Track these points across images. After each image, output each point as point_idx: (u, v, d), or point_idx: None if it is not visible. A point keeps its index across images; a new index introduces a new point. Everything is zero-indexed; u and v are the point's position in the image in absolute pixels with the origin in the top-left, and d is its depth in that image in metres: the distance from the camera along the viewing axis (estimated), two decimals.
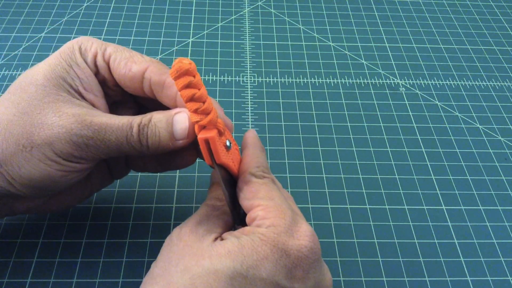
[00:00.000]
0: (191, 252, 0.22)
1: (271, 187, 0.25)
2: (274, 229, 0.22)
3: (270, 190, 0.25)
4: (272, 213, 0.23)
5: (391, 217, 0.37)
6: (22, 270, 0.32)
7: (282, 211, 0.23)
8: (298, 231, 0.23)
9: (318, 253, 0.23)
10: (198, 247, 0.22)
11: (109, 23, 0.52)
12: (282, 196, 0.25)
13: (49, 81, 0.25)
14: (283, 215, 0.23)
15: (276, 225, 0.22)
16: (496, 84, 0.49)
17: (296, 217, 0.24)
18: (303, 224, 0.23)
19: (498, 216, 0.37)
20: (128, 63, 0.27)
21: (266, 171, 0.26)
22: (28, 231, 0.34)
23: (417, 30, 0.55)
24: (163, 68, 0.27)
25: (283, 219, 0.23)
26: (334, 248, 0.34)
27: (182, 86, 0.23)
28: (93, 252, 0.33)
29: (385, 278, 0.33)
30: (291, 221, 0.23)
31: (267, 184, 0.25)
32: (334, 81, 0.48)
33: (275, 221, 0.23)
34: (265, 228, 0.22)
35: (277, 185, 0.27)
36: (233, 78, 0.47)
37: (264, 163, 0.27)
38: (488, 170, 0.41)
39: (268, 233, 0.22)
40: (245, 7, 0.56)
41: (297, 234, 0.22)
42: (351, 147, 0.41)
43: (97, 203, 0.36)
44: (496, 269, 0.34)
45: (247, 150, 0.28)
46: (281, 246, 0.22)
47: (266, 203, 0.24)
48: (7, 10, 0.53)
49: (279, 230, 0.22)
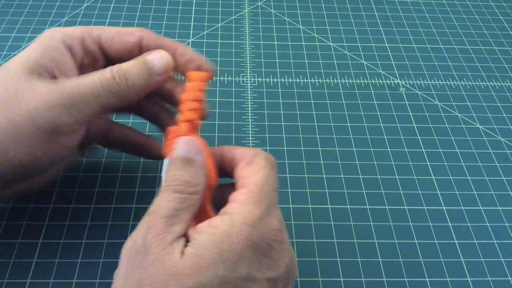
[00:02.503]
0: (165, 271, 0.19)
1: (264, 163, 0.25)
2: (249, 220, 0.21)
3: (261, 163, 0.25)
4: (252, 199, 0.22)
5: (391, 217, 0.37)
6: (22, 270, 0.32)
7: (262, 197, 0.23)
8: (269, 223, 0.22)
9: (286, 243, 0.23)
10: (170, 263, 0.20)
11: (109, 23, 0.52)
12: (269, 174, 0.24)
13: (24, 66, 0.26)
14: (260, 203, 0.22)
15: (251, 212, 0.22)
16: (496, 84, 0.49)
17: (271, 206, 0.23)
18: (275, 214, 0.23)
19: (498, 216, 0.37)
20: (122, 37, 0.28)
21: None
22: (28, 231, 0.34)
23: (417, 30, 0.55)
24: (154, 34, 0.29)
25: (259, 209, 0.22)
26: (334, 248, 0.34)
27: (198, 89, 0.27)
28: (93, 252, 0.33)
29: (385, 278, 0.33)
30: (265, 210, 0.22)
31: (260, 157, 0.25)
32: (334, 81, 0.48)
33: (252, 209, 0.22)
34: (241, 217, 0.22)
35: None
36: (233, 78, 0.47)
37: None
38: (488, 170, 0.41)
39: (244, 228, 0.21)
40: (245, 7, 0.56)
41: (267, 225, 0.22)
42: (351, 147, 0.41)
43: (97, 203, 0.36)
44: (496, 270, 0.34)
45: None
46: (255, 240, 0.21)
47: (251, 180, 0.24)
48: (7, 10, 0.53)
49: (253, 221, 0.22)
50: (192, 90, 0.27)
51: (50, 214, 0.35)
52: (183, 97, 0.27)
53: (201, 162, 0.24)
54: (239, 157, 0.26)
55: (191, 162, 0.24)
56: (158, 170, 0.38)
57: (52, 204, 0.36)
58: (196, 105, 0.26)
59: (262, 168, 0.24)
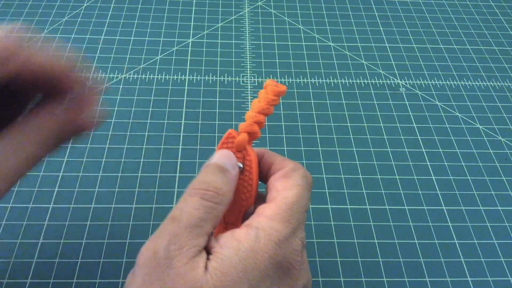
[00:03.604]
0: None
1: (299, 179, 0.24)
2: (275, 238, 0.21)
3: (298, 180, 0.23)
4: (280, 215, 0.22)
5: (391, 217, 0.37)
6: (22, 270, 0.32)
7: (291, 216, 0.22)
8: (293, 243, 0.21)
9: (306, 263, 0.22)
10: (194, 279, 0.19)
11: (109, 23, 0.52)
12: (303, 193, 0.23)
13: None
14: (288, 222, 0.22)
15: (278, 231, 0.21)
16: (496, 84, 0.49)
17: (297, 226, 0.22)
18: (300, 234, 0.22)
19: (498, 216, 0.37)
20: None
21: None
22: (28, 232, 0.34)
23: (417, 30, 0.55)
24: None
25: (286, 228, 0.21)
26: (334, 248, 0.34)
27: (271, 103, 0.25)
28: (93, 252, 0.33)
29: (385, 278, 0.33)
30: (292, 230, 0.22)
31: (298, 174, 0.24)
32: (334, 81, 0.48)
33: (278, 226, 0.21)
34: (267, 234, 0.21)
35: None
36: (233, 78, 0.47)
37: None
38: (488, 170, 0.41)
39: (270, 245, 0.20)
40: (245, 7, 0.56)
41: (291, 245, 0.21)
42: (351, 147, 0.41)
43: (97, 203, 0.36)
44: (496, 269, 0.34)
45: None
46: (279, 259, 0.21)
47: (283, 195, 0.22)
48: (7, 10, 0.53)
49: (279, 240, 0.21)
50: (266, 101, 0.25)
51: (50, 214, 0.35)
52: (254, 105, 0.25)
53: (234, 176, 0.23)
54: (277, 166, 0.25)
55: (224, 172, 0.23)
56: (158, 171, 0.38)
57: (52, 204, 0.36)
58: (262, 118, 0.25)
59: (297, 186, 0.23)
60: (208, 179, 0.22)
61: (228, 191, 0.22)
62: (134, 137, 0.41)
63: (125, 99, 0.44)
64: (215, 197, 0.22)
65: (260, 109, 0.24)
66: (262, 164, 0.25)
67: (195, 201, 0.21)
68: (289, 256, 0.21)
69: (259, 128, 0.25)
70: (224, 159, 0.24)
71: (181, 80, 0.46)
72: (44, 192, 0.36)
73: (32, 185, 0.37)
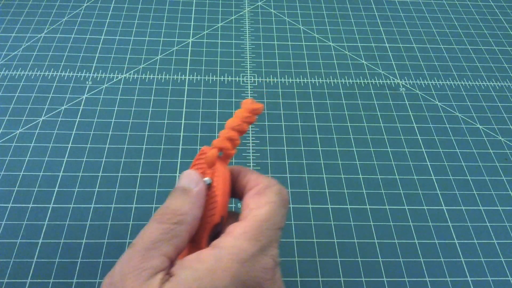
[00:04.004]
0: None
1: (272, 196, 0.23)
2: (238, 257, 0.20)
3: (270, 197, 0.23)
4: (247, 234, 0.21)
5: (391, 217, 0.37)
6: (22, 270, 0.32)
7: (259, 234, 0.21)
8: (261, 262, 0.21)
9: (277, 281, 0.22)
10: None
11: (109, 23, 0.52)
12: (275, 210, 0.23)
13: None
14: (255, 240, 0.21)
15: (243, 249, 0.20)
16: (496, 84, 0.49)
17: (268, 243, 0.21)
18: (271, 252, 0.21)
19: (498, 216, 0.37)
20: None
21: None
22: (28, 231, 0.34)
23: (417, 30, 0.55)
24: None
25: (253, 246, 0.21)
26: (334, 248, 0.34)
27: (245, 120, 0.25)
28: (93, 252, 0.33)
29: (385, 278, 0.33)
30: (260, 248, 0.21)
31: (271, 191, 0.23)
32: (334, 81, 0.48)
33: (244, 245, 0.20)
34: (230, 253, 0.20)
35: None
36: (233, 78, 0.47)
37: None
38: (488, 170, 0.41)
39: (232, 264, 0.20)
40: (245, 7, 0.56)
41: (259, 264, 0.21)
42: (351, 147, 0.41)
43: (97, 203, 0.36)
44: (496, 269, 0.34)
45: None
46: (242, 278, 0.20)
47: (254, 213, 0.22)
48: (7, 10, 0.53)
49: (243, 259, 0.20)
50: (239, 118, 0.25)
51: (50, 214, 0.35)
52: (228, 122, 0.25)
53: (198, 192, 0.23)
54: (251, 184, 0.24)
55: (185, 192, 0.23)
56: (158, 171, 0.38)
57: (52, 204, 0.36)
58: (235, 135, 0.25)
59: (270, 203, 0.23)
60: (167, 204, 0.22)
61: (190, 209, 0.22)
62: (134, 137, 0.41)
63: (125, 99, 0.44)
64: (172, 218, 0.21)
65: (233, 125, 0.24)
66: (238, 182, 0.25)
67: (151, 226, 0.21)
68: (257, 275, 0.20)
69: (232, 145, 0.25)
70: (185, 179, 0.24)
71: (181, 80, 0.46)
72: (44, 192, 0.36)
73: (32, 185, 0.37)
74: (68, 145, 0.40)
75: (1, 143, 0.40)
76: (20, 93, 0.44)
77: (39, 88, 0.44)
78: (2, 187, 0.37)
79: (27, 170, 0.38)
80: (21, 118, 0.42)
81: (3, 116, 0.42)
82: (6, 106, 0.43)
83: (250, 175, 0.25)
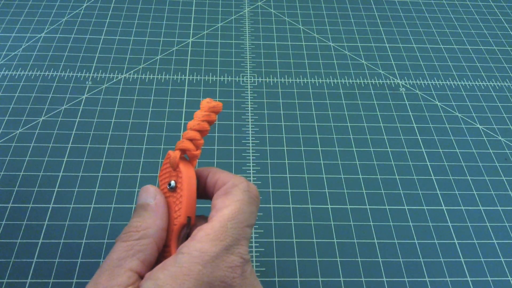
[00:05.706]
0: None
1: (239, 192, 0.23)
2: (199, 259, 0.20)
3: (237, 195, 0.23)
4: (210, 236, 0.21)
5: (391, 217, 0.37)
6: (22, 270, 0.32)
7: (222, 234, 0.21)
8: (226, 260, 0.21)
9: (248, 277, 0.22)
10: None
11: (109, 23, 0.52)
12: (241, 208, 0.22)
13: None
14: (218, 240, 0.21)
15: (204, 251, 0.20)
16: (496, 84, 0.49)
17: (233, 242, 0.21)
18: (237, 250, 0.21)
19: (498, 216, 0.37)
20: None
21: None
22: (28, 231, 0.34)
23: (417, 30, 0.55)
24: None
25: (215, 246, 0.21)
26: (334, 248, 0.34)
27: (205, 119, 0.25)
28: (93, 252, 0.33)
29: (385, 278, 0.33)
30: (224, 248, 0.21)
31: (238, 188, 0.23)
32: (334, 81, 0.48)
33: (206, 247, 0.20)
34: (191, 256, 0.20)
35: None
36: (233, 78, 0.47)
37: None
38: (488, 170, 0.41)
39: (193, 267, 0.20)
40: (245, 7, 0.56)
41: (224, 263, 0.21)
42: (351, 147, 0.41)
43: (97, 203, 0.36)
44: (496, 270, 0.34)
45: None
46: (206, 279, 0.20)
47: (219, 214, 0.22)
48: (7, 10, 0.53)
49: (204, 260, 0.20)
50: (198, 118, 0.25)
51: (50, 214, 0.35)
52: (188, 123, 0.25)
53: (156, 204, 0.23)
54: (220, 183, 0.24)
55: (144, 207, 0.23)
56: (158, 171, 0.38)
57: (52, 204, 0.36)
58: (196, 135, 0.24)
59: (236, 201, 0.22)
60: (130, 222, 0.23)
61: (152, 222, 0.23)
62: (134, 137, 0.41)
63: (125, 99, 0.44)
64: (134, 235, 0.22)
65: (192, 126, 0.25)
66: (208, 183, 0.25)
67: (116, 246, 0.22)
68: (222, 274, 0.20)
69: (193, 146, 0.25)
70: (142, 195, 0.24)
71: (181, 80, 0.46)
72: (44, 192, 0.36)
73: (32, 185, 0.37)
74: (68, 145, 0.40)
75: (1, 143, 0.40)
76: (20, 93, 0.44)
77: (39, 88, 0.44)
78: (2, 187, 0.37)
79: (27, 170, 0.38)
80: (21, 118, 0.42)
81: (3, 116, 0.42)
82: (6, 106, 0.43)
83: (219, 174, 0.24)
